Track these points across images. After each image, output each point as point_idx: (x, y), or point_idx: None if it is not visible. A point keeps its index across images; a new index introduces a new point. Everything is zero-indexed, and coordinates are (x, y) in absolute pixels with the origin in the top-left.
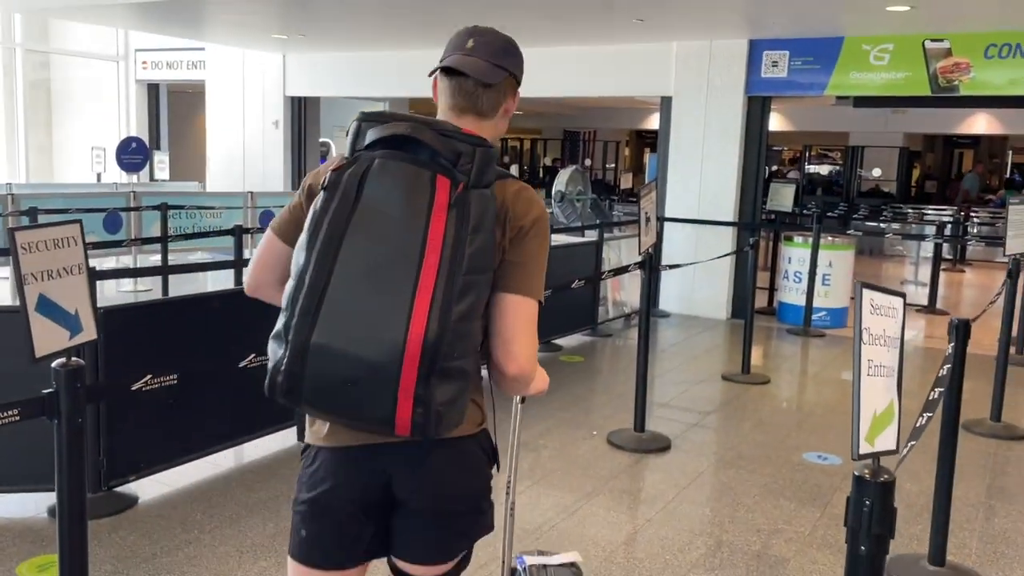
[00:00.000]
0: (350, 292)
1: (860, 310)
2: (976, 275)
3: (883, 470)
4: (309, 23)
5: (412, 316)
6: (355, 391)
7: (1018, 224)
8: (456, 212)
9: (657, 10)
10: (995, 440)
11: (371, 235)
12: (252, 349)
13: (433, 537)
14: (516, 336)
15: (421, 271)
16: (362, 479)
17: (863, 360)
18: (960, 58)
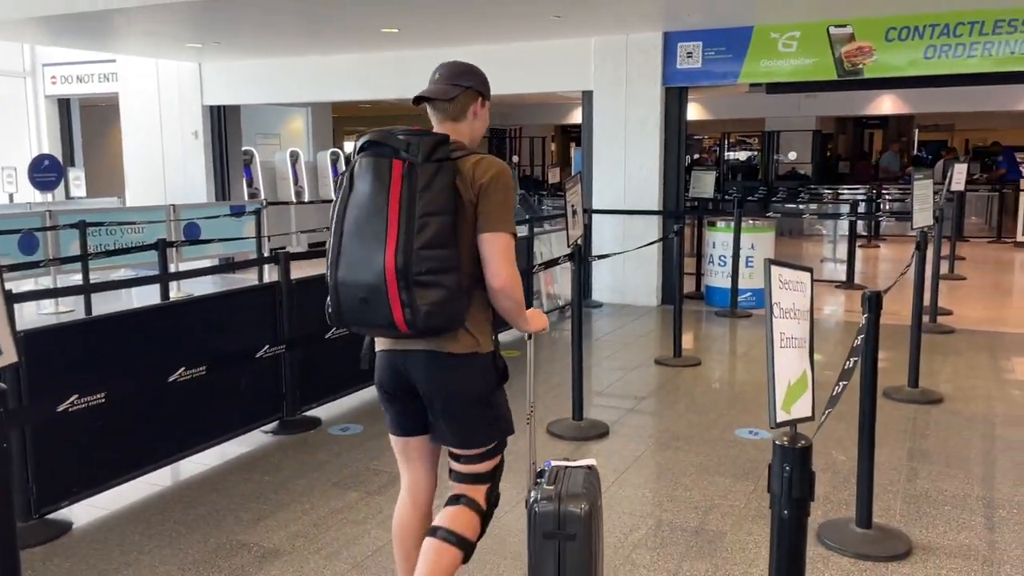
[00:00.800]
0: (351, 245)
1: (769, 286)
2: (890, 249)
3: (800, 436)
4: (224, 31)
5: (386, 250)
6: (367, 307)
7: (923, 199)
8: (407, 180)
9: (574, 7)
10: (914, 405)
11: (359, 207)
12: (181, 363)
13: (446, 426)
14: (493, 259)
15: (388, 221)
16: (393, 371)
17: (775, 333)
18: (863, 42)
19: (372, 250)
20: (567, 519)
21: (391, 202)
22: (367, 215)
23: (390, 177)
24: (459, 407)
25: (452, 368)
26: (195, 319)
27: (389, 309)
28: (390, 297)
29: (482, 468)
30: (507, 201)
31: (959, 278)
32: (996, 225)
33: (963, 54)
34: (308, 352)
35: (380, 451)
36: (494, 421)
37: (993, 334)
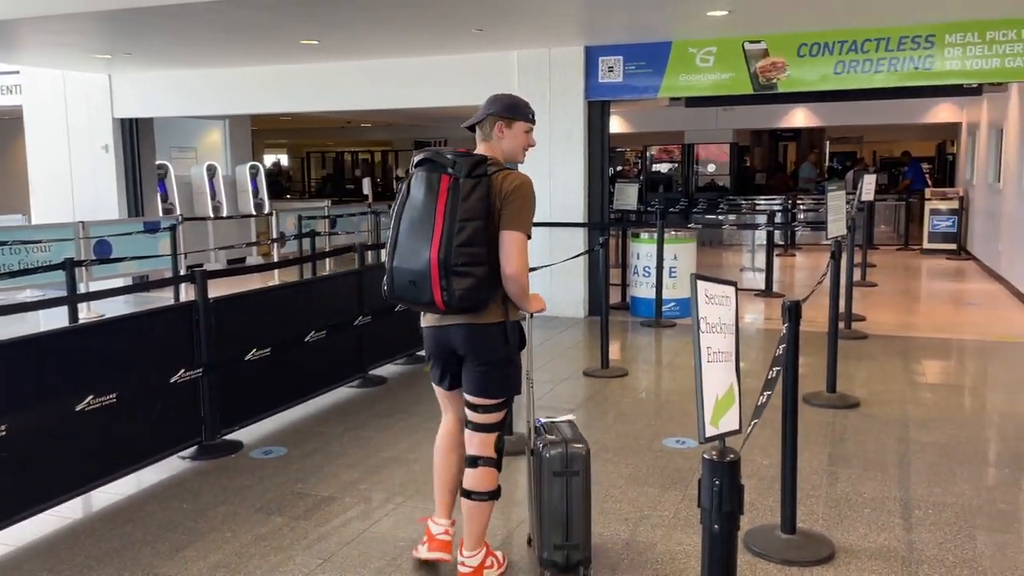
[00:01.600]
0: (405, 239)
1: (696, 301)
2: (805, 258)
3: (729, 450)
4: (135, 41)
5: (432, 246)
6: (414, 288)
7: (836, 209)
8: (452, 191)
9: (495, 21)
10: (832, 410)
11: (413, 209)
12: (90, 390)
13: (475, 379)
14: (508, 251)
15: (435, 223)
16: (438, 342)
17: (702, 348)
18: (776, 58)
19: (421, 244)
20: (572, 459)
21: (438, 208)
22: (419, 217)
23: (439, 188)
24: (486, 364)
25: (484, 334)
26: (105, 342)
27: (431, 291)
28: (432, 282)
29: (492, 419)
30: (524, 207)
31: (871, 285)
32: (904, 233)
33: (870, 69)
34: (228, 373)
35: (306, 474)
36: (506, 380)
37: (904, 339)
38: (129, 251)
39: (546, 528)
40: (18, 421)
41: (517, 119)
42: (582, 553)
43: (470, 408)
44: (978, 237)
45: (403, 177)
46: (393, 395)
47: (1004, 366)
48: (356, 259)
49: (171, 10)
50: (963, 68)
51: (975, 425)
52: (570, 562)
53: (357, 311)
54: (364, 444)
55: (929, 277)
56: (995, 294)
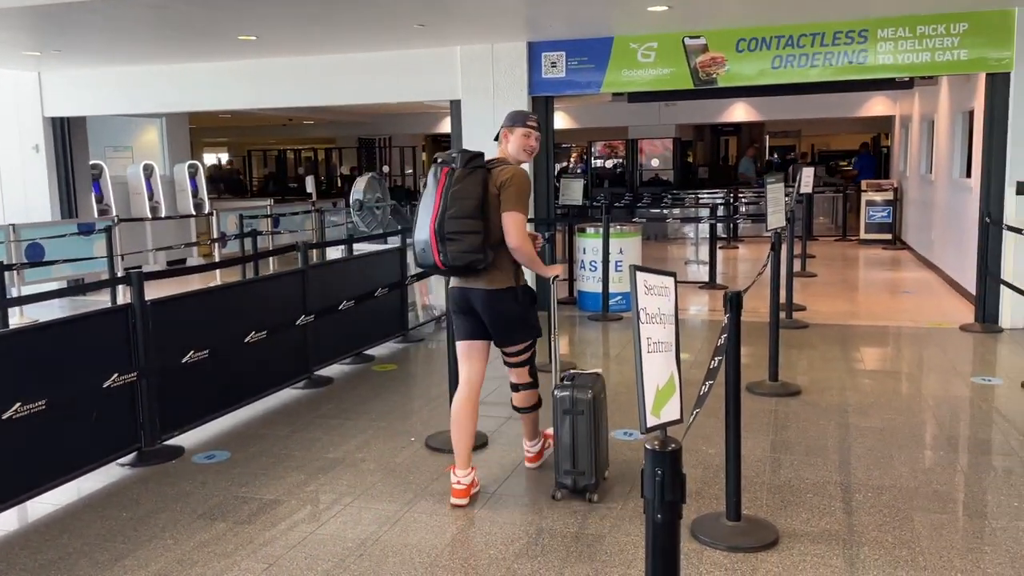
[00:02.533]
0: (418, 218)
1: (635, 292)
2: (747, 250)
3: (670, 440)
4: (65, 38)
5: (430, 219)
6: (424, 253)
7: (776, 201)
8: (448, 177)
9: (438, 16)
10: (775, 398)
11: (425, 195)
12: (17, 398)
13: (499, 333)
14: (508, 228)
15: (434, 203)
16: (462, 298)
17: (642, 338)
18: (716, 53)
19: (425, 219)
20: (577, 401)
21: (437, 191)
22: (426, 200)
23: (439, 176)
24: (505, 321)
25: (498, 298)
26: (36, 348)
27: (432, 254)
28: (432, 247)
29: (521, 358)
30: (520, 193)
31: (810, 275)
32: (842, 224)
33: (807, 64)
34: (168, 377)
35: (249, 477)
36: (523, 330)
37: (843, 327)
38: (63, 254)
39: (559, 456)
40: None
41: (515, 126)
42: (587, 480)
43: (504, 353)
44: (912, 227)
45: (347, 174)
46: (339, 395)
47: (938, 351)
48: (299, 258)
49: (102, 6)
50: (895, 62)
51: (911, 409)
52: (577, 486)
53: (301, 311)
54: (310, 446)
55: (866, 267)
56: (929, 282)
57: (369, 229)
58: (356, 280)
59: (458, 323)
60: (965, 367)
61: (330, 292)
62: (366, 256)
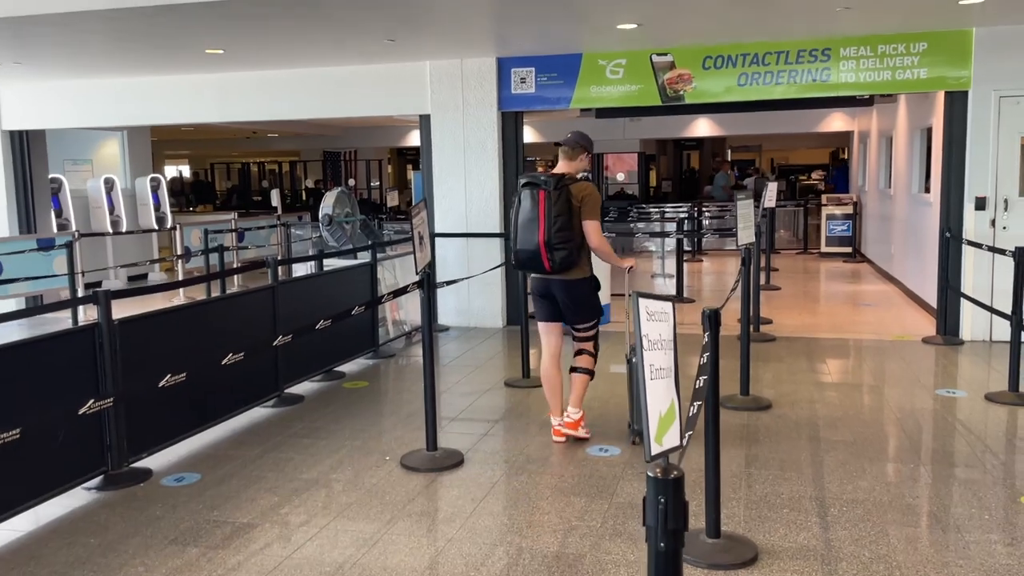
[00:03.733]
0: (523, 231)
1: (638, 319)
2: (712, 263)
3: (672, 467)
4: (24, 51)
5: (539, 234)
6: (531, 260)
7: (745, 217)
8: (547, 199)
9: (407, 31)
10: (746, 412)
11: (525, 212)
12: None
13: (573, 313)
14: (590, 232)
15: (539, 220)
16: (544, 287)
17: (646, 366)
18: (683, 70)
19: (532, 234)
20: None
21: (540, 210)
22: (529, 217)
23: (539, 198)
24: (578, 305)
25: (575, 286)
26: None
27: (541, 261)
28: (542, 255)
29: (589, 333)
30: (595, 205)
31: (774, 288)
32: (803, 237)
33: (771, 81)
34: (135, 398)
35: (221, 500)
36: (593, 310)
37: (809, 340)
38: (21, 271)
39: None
40: None
41: (590, 152)
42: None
43: (574, 328)
44: (871, 240)
45: (312, 188)
46: (311, 414)
47: (902, 363)
48: (268, 274)
49: (64, 18)
50: (857, 80)
51: (879, 422)
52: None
53: (271, 328)
54: (283, 466)
55: (828, 280)
56: (889, 295)
57: (339, 244)
58: (328, 296)
59: (539, 307)
60: (929, 379)
61: (301, 308)
62: (337, 272)
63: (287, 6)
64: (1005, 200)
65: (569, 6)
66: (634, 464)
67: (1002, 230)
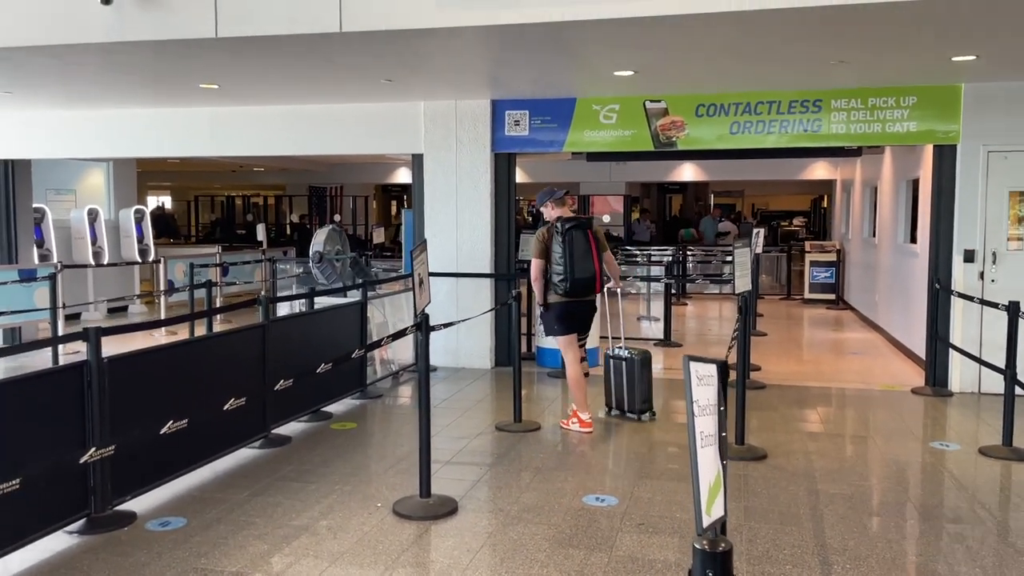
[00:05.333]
0: (580, 262)
1: (689, 384)
2: (695, 307)
3: (720, 540)
4: (15, 80)
5: (594, 264)
6: (589, 284)
7: (742, 265)
8: (595, 237)
9: (404, 72)
10: (742, 462)
11: (579, 247)
12: None
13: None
14: (610, 260)
15: (592, 253)
16: (579, 309)
17: (697, 433)
18: (676, 117)
19: (588, 264)
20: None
21: (592, 245)
22: (584, 250)
23: (588, 236)
24: (592, 319)
25: (595, 305)
26: None
27: (596, 284)
28: (597, 280)
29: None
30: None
31: (761, 334)
32: (786, 283)
33: (763, 130)
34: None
35: (208, 547)
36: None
37: (799, 388)
38: (1, 303)
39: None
40: None
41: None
42: (646, 406)
43: (581, 338)
44: (855, 288)
45: (297, 223)
46: (299, 456)
47: (893, 415)
48: (260, 312)
49: (59, 50)
50: (847, 132)
51: (877, 475)
52: (640, 410)
53: (261, 367)
54: (271, 511)
55: (813, 326)
56: (874, 343)
57: (328, 282)
58: (318, 335)
59: (570, 324)
60: (921, 431)
61: (292, 347)
62: (328, 310)
63: (291, 47)
64: (993, 253)
65: (568, 53)
66: (632, 515)
67: (991, 283)
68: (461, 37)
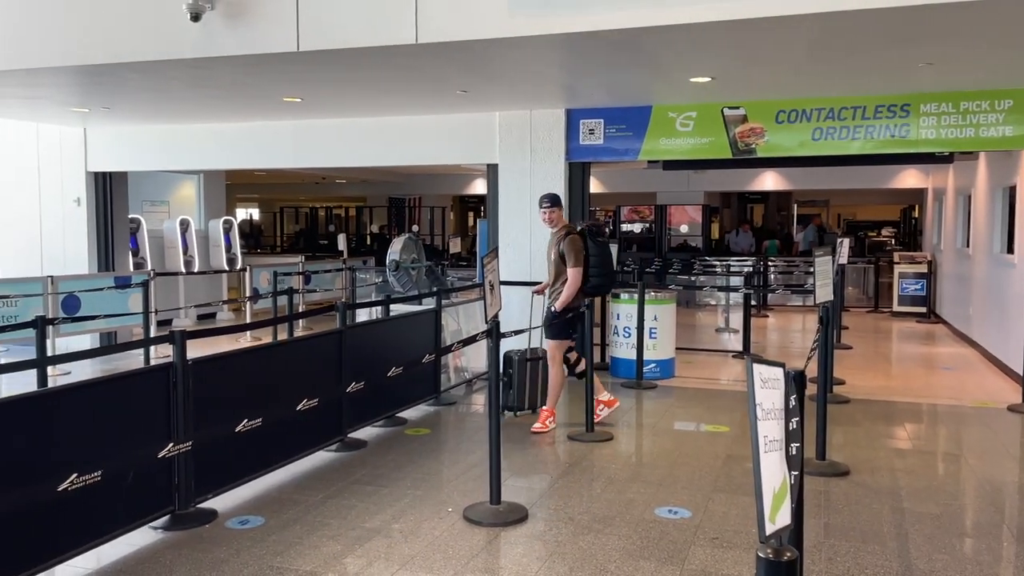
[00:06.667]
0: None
1: (752, 386)
2: (776, 319)
3: (785, 548)
4: (113, 96)
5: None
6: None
7: (824, 275)
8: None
9: (480, 83)
10: (823, 478)
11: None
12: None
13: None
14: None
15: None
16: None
17: (760, 438)
18: (755, 123)
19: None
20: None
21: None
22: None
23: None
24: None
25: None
26: (80, 408)
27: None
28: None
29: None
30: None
31: (846, 347)
32: (873, 295)
33: (847, 136)
34: (210, 440)
35: (286, 546)
36: None
37: (885, 403)
38: (98, 307)
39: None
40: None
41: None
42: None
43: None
44: (947, 301)
45: (377, 233)
46: (373, 460)
47: (988, 432)
48: (337, 318)
49: (153, 66)
50: (938, 137)
51: (968, 495)
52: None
53: (338, 372)
54: (345, 513)
55: (901, 340)
56: (968, 358)
57: (404, 290)
58: (394, 341)
59: (575, 327)
60: (1018, 450)
61: (368, 353)
62: (403, 317)
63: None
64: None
65: (643, 60)
66: (705, 528)
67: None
68: (534, 46)
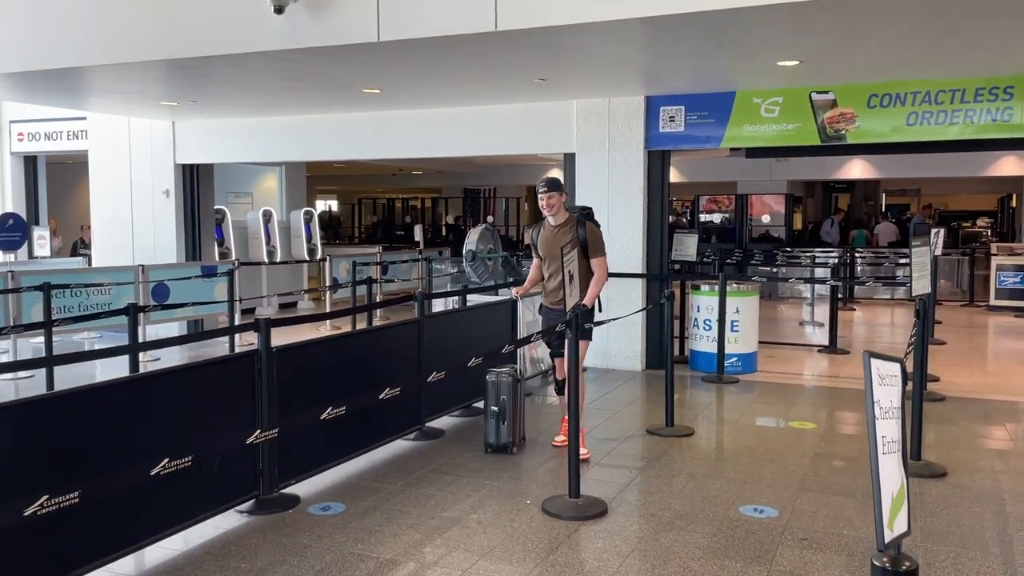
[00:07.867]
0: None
1: (869, 383)
2: (864, 312)
3: (903, 558)
4: (200, 89)
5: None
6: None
7: (921, 266)
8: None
9: (559, 71)
10: (919, 479)
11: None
12: (158, 447)
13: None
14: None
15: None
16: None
17: (878, 438)
18: (845, 108)
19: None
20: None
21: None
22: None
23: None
24: None
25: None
26: (167, 394)
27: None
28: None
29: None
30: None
31: (939, 343)
32: (968, 288)
33: (945, 121)
34: (295, 427)
35: (366, 533)
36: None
37: (984, 401)
38: (185, 295)
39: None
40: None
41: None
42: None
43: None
44: None
45: (452, 224)
46: (451, 449)
47: None
48: (416, 308)
49: (238, 59)
50: None
51: None
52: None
53: (416, 361)
54: (425, 502)
55: (999, 335)
56: None
57: (480, 280)
58: (470, 331)
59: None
60: None
61: (445, 343)
62: (480, 307)
63: (448, 49)
64: None
65: (728, 44)
66: (793, 528)
67: None
68: (615, 30)
